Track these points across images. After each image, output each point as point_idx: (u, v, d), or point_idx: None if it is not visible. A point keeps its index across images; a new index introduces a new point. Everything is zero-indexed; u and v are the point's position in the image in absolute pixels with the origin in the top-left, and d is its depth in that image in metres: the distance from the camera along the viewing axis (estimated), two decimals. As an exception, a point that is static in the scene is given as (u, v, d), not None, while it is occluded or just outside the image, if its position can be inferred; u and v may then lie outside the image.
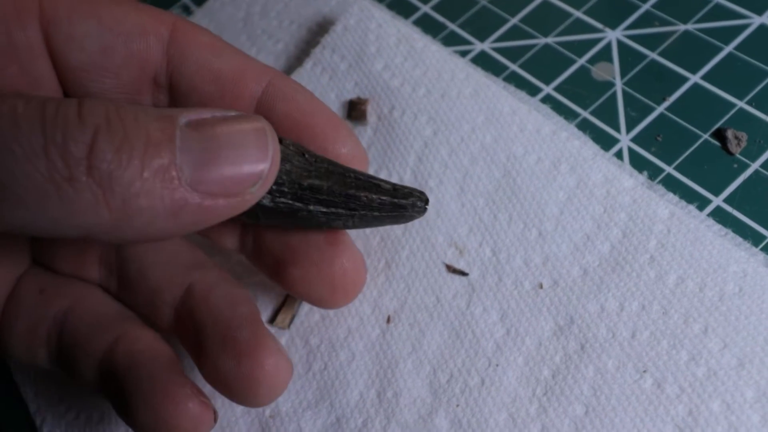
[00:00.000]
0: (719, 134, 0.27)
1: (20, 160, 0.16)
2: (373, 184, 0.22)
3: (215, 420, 0.22)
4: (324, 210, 0.22)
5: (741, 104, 0.28)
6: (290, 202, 0.21)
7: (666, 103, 0.29)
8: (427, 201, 0.23)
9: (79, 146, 0.16)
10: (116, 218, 0.17)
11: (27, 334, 0.23)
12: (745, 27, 0.30)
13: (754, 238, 0.25)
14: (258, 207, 0.21)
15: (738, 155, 0.27)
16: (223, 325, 0.22)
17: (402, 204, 0.22)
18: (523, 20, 0.34)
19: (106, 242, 0.18)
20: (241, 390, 0.22)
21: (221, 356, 0.21)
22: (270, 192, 0.21)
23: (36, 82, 0.21)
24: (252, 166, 0.18)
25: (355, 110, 0.31)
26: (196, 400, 0.21)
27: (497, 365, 0.25)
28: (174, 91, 0.23)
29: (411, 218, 0.23)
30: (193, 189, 0.17)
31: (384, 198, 0.22)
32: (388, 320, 0.27)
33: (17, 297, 0.24)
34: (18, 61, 0.20)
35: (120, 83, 0.22)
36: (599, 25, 0.32)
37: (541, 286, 0.26)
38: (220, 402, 0.27)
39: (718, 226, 0.25)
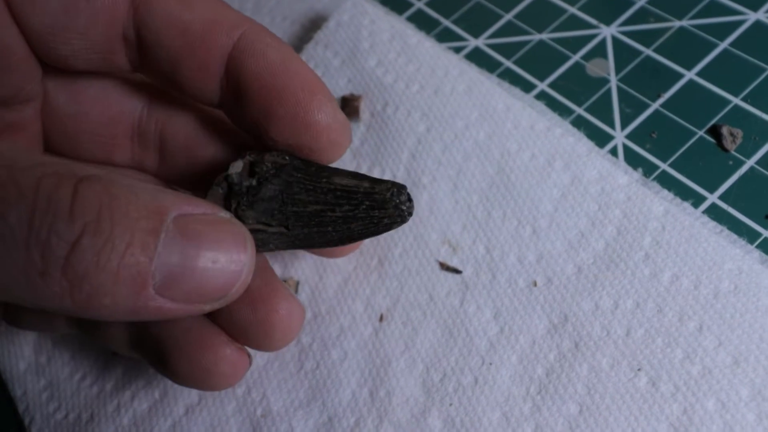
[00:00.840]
0: (714, 131, 0.27)
1: (1, 247, 0.16)
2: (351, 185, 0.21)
3: (250, 362, 0.23)
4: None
5: (736, 101, 0.28)
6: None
7: (661, 100, 0.29)
8: (408, 197, 0.21)
9: (62, 245, 0.16)
10: (77, 309, 0.17)
11: None
12: (740, 23, 0.30)
13: (749, 236, 0.24)
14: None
15: (733, 152, 0.27)
16: None
17: (379, 193, 0.21)
18: (517, 16, 0.33)
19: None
20: (258, 335, 0.22)
21: (236, 304, 0.21)
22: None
23: (6, 51, 0.20)
24: (219, 288, 0.19)
25: (348, 107, 0.31)
26: (233, 346, 0.22)
27: (491, 364, 0.24)
28: (142, 48, 0.21)
29: (393, 216, 0.21)
30: (157, 293, 0.17)
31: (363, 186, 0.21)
32: (381, 318, 0.26)
33: None
34: None
35: (89, 44, 0.21)
36: (594, 22, 0.32)
37: (535, 284, 0.25)
38: (211, 401, 0.26)
39: (713, 223, 0.25)
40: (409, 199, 0.21)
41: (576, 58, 0.31)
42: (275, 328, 0.22)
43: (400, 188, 0.21)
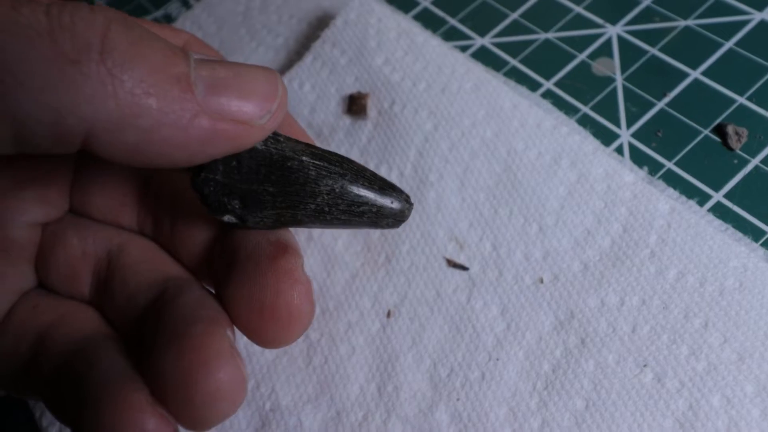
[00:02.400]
0: (720, 130, 0.27)
1: (21, 41, 0.15)
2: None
3: None
4: (316, 162, 0.20)
5: (741, 100, 0.28)
6: (282, 150, 0.19)
7: (666, 99, 0.29)
8: (410, 203, 0.21)
9: (91, 30, 0.15)
10: (122, 113, 0.15)
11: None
12: (745, 23, 0.30)
13: (754, 234, 0.25)
14: (245, 153, 0.19)
15: (738, 151, 0.27)
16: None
17: (387, 193, 0.21)
18: (523, 15, 0.34)
19: (107, 150, 0.16)
20: (175, 388, 0.17)
21: (167, 346, 0.18)
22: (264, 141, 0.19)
23: None
24: (261, 101, 0.18)
25: (355, 105, 0.31)
26: (156, 412, 0.17)
27: (497, 359, 0.25)
28: None
29: (394, 213, 0.21)
30: (204, 106, 0.17)
31: (373, 184, 0.21)
32: (389, 314, 0.27)
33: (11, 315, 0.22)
34: None
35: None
36: (600, 21, 0.32)
37: (541, 281, 0.26)
38: (220, 396, 0.27)
39: (718, 222, 0.25)
40: (408, 201, 0.21)
41: (582, 57, 0.31)
42: (197, 385, 0.17)
43: (409, 205, 0.21)
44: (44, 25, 0.15)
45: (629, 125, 0.29)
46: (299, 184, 0.19)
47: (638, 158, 0.28)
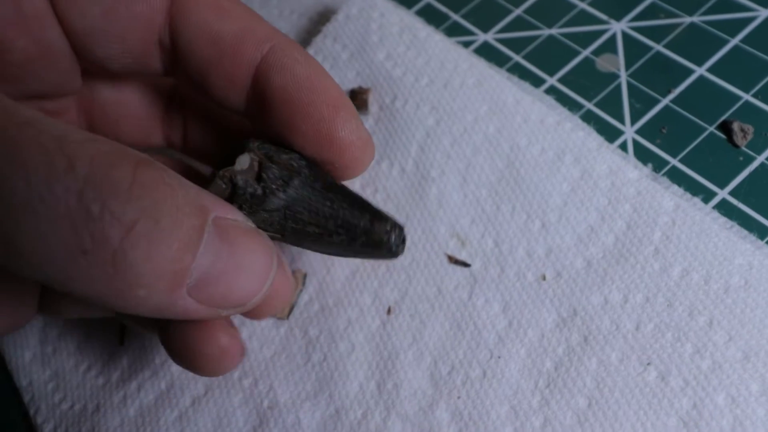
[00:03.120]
0: (725, 127, 0.27)
1: (42, 219, 0.15)
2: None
3: (243, 353, 0.22)
4: (328, 204, 0.21)
5: (747, 97, 0.28)
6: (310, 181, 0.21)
7: (671, 95, 0.29)
8: (402, 239, 0.22)
9: (117, 227, 0.15)
10: (109, 296, 0.16)
11: None
12: (751, 20, 0.30)
13: (760, 231, 0.24)
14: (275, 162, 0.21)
15: (744, 148, 0.26)
16: None
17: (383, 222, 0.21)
18: (526, 11, 0.33)
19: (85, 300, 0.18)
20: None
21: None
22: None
23: (48, 51, 0.20)
24: (243, 296, 0.19)
25: (356, 100, 0.31)
26: (229, 332, 0.21)
27: (499, 357, 0.24)
28: (176, 54, 0.22)
29: (384, 255, 0.22)
30: (188, 294, 0.17)
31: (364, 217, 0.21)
32: (389, 311, 0.26)
33: None
34: (29, 31, 0.20)
35: (126, 48, 0.21)
36: (604, 17, 0.32)
37: (544, 278, 0.25)
38: (218, 393, 0.26)
39: (723, 219, 0.25)
40: (403, 241, 0.22)
41: (586, 53, 0.31)
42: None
43: (398, 231, 0.22)
44: (72, 208, 0.15)
45: (633, 122, 0.28)
46: (309, 211, 0.21)
47: (642, 155, 0.27)
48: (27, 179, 0.15)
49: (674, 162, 0.27)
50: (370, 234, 0.21)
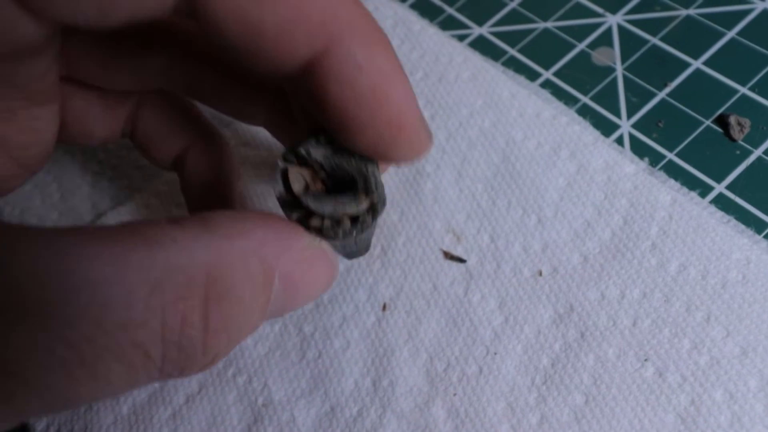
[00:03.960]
0: (722, 120, 0.27)
1: (131, 387, 0.16)
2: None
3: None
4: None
5: (744, 90, 0.27)
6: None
7: (667, 89, 0.28)
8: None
9: (195, 371, 0.17)
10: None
11: None
12: (747, 12, 0.29)
13: (757, 225, 0.24)
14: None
15: (740, 141, 0.26)
16: None
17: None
18: (522, 4, 0.33)
19: None
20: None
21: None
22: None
23: None
24: (306, 303, 0.20)
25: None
26: None
27: (495, 353, 0.24)
28: (206, 38, 0.17)
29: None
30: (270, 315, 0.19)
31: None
32: (384, 307, 0.26)
33: None
34: None
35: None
36: (599, 10, 0.32)
37: (540, 274, 0.25)
38: (212, 390, 0.26)
39: (720, 213, 0.25)
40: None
41: (581, 46, 0.31)
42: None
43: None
44: (156, 376, 0.16)
45: (630, 116, 0.28)
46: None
47: (639, 149, 0.27)
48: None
49: (671, 156, 0.27)
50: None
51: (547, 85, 0.30)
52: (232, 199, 0.25)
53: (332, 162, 0.19)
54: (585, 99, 0.29)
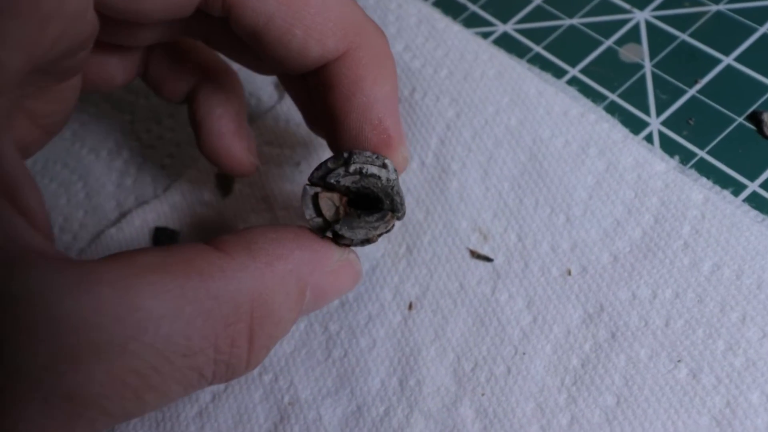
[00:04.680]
0: (754, 117, 0.26)
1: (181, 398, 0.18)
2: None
3: None
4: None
5: (777, 87, 0.27)
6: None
7: (698, 86, 0.28)
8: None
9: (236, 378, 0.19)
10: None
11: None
12: (780, 7, 0.29)
13: (792, 225, 0.24)
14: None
15: (774, 139, 0.26)
16: None
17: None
18: (546, 1, 0.33)
19: None
20: None
21: None
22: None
23: None
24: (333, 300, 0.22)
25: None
26: None
27: (524, 353, 0.24)
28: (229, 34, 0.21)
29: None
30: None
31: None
32: (410, 307, 0.26)
33: None
34: None
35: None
36: (627, 6, 0.31)
37: (569, 273, 0.25)
38: (238, 389, 0.26)
39: (754, 212, 0.24)
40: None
41: (609, 43, 0.30)
42: None
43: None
44: (200, 385, 0.18)
45: (659, 113, 0.28)
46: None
47: (669, 147, 0.27)
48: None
49: (702, 154, 0.26)
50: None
51: (573, 82, 0.29)
52: (240, 135, 0.26)
53: (360, 185, 0.21)
54: (613, 96, 0.29)
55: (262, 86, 0.33)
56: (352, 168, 0.20)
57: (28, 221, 0.16)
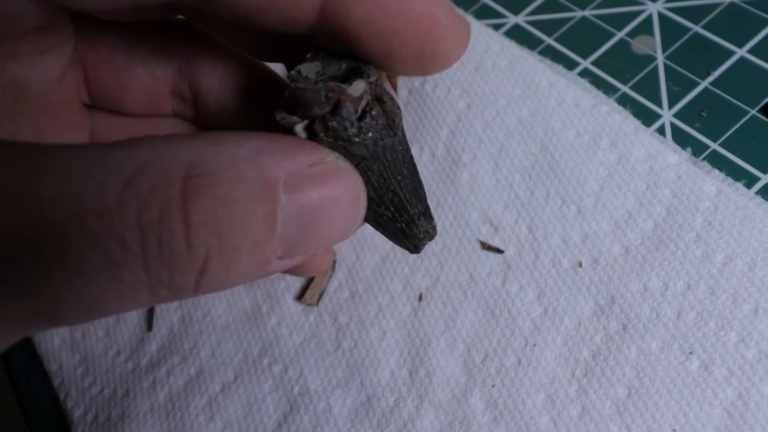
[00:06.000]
0: (767, 109, 0.26)
1: (121, 292, 0.15)
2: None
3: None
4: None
5: (791, 79, 0.27)
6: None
7: (711, 78, 0.28)
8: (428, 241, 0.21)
9: (188, 279, 0.15)
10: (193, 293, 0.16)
11: None
12: (794, -1, 0.29)
13: (806, 217, 0.24)
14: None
15: (788, 131, 0.26)
16: None
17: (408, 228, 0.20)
18: (558, -7, 0.32)
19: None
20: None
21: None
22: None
23: None
24: (334, 240, 0.18)
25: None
26: None
27: (534, 345, 0.24)
28: None
29: (407, 248, 0.21)
30: (279, 260, 0.17)
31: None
32: (420, 298, 0.26)
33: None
34: None
35: None
36: (639, -2, 0.31)
37: (580, 265, 0.25)
38: (248, 379, 0.26)
39: (767, 204, 0.24)
40: (425, 242, 0.21)
41: (621, 35, 0.30)
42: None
43: (432, 234, 0.20)
44: (144, 280, 0.15)
45: (671, 105, 0.28)
46: (380, 175, 0.19)
47: (681, 139, 0.27)
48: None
49: (714, 146, 0.26)
50: (412, 226, 0.20)
51: (585, 74, 0.29)
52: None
53: (325, 74, 0.18)
54: (625, 88, 0.28)
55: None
56: (315, 54, 0.18)
57: None
